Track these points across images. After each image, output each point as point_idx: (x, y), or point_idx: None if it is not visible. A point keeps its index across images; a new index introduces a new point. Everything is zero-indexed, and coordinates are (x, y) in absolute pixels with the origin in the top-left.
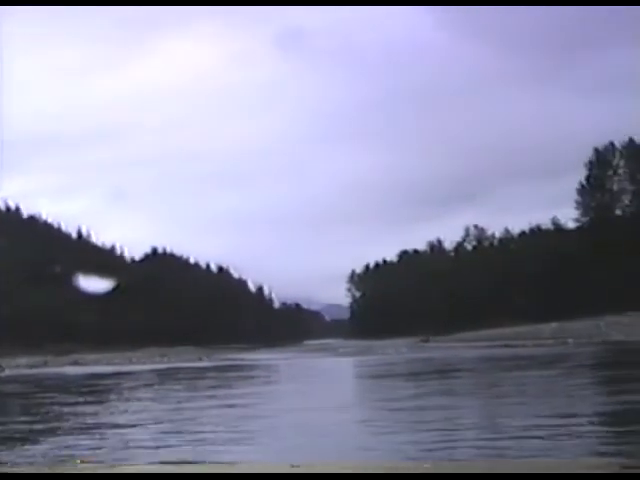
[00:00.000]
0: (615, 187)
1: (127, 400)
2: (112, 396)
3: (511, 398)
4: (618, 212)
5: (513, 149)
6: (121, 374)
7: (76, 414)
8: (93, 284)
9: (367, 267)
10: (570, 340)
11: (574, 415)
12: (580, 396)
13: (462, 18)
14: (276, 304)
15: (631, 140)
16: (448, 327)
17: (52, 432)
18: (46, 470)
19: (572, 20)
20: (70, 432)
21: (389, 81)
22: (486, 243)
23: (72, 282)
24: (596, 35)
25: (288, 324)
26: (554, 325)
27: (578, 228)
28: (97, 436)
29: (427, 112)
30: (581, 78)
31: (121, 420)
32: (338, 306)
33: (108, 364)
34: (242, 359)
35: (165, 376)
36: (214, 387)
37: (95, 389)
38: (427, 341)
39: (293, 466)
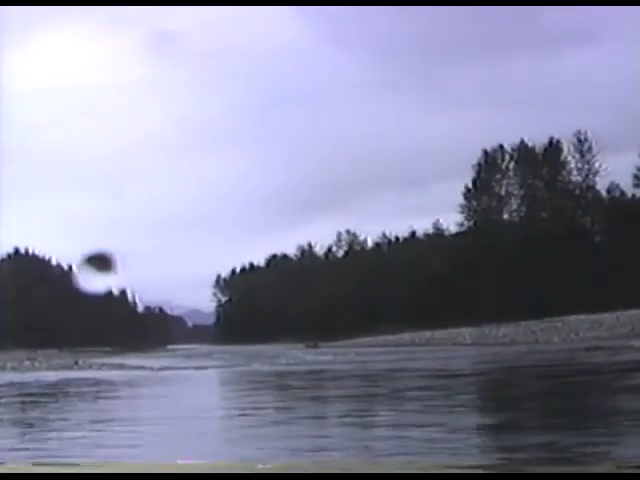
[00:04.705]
0: (503, 191)
1: None
2: None
3: None
4: (506, 216)
5: (383, 157)
6: None
7: None
8: None
9: (234, 271)
10: None
11: None
12: None
13: (337, 22)
14: (140, 307)
15: (522, 143)
16: (327, 332)
17: None
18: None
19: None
20: None
21: (258, 85)
22: (358, 248)
23: None
24: (461, 50)
25: (152, 328)
26: (472, 330)
27: (461, 232)
28: None
29: (295, 118)
30: (447, 92)
31: None
32: (199, 311)
33: None
34: (123, 365)
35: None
36: None
37: None
38: (316, 347)
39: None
